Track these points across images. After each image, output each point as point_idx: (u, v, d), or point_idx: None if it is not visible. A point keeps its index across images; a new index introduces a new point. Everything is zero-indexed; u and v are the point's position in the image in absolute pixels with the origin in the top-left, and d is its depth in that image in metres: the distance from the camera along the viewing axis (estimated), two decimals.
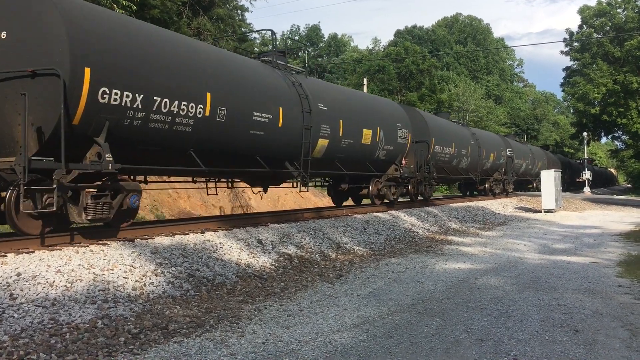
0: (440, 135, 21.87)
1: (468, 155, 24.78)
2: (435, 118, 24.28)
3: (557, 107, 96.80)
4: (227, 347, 5.50)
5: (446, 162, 22.44)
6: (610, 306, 7.32)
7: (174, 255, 8.35)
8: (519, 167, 34.26)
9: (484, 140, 27.98)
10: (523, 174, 36.81)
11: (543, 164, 40.65)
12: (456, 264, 10.75)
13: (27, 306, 5.83)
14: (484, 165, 27.55)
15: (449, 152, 22.49)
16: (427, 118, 21.65)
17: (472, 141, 25.82)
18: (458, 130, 25.25)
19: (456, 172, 24.53)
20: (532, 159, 38.90)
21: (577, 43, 44.02)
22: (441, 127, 23.07)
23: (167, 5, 21.20)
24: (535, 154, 40.55)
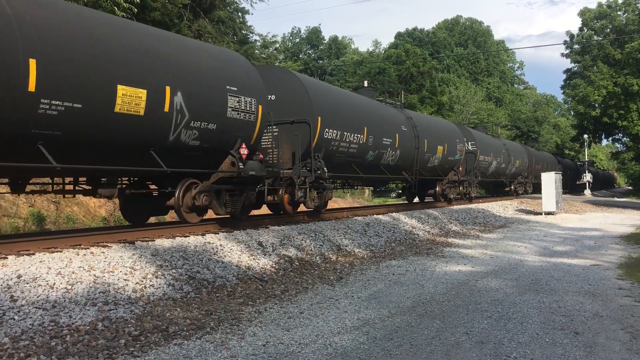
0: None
1: (395, 147, 17.72)
2: None
3: (558, 110, 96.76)
4: (228, 350, 5.50)
5: (352, 156, 15.50)
6: (611, 308, 7.32)
7: (174, 257, 8.36)
8: (487, 166, 28.42)
9: (425, 127, 20.70)
10: (494, 175, 30.28)
11: (522, 163, 35.87)
12: (456, 266, 10.75)
13: (27, 308, 5.84)
14: (428, 161, 20.84)
15: (355, 139, 15.23)
16: None
17: (405, 127, 18.85)
18: (384, 112, 18.32)
19: (376, 170, 17.40)
20: (507, 156, 32.10)
21: (578, 45, 44.08)
22: None
23: (167, 7, 21.23)
24: (512, 150, 34.27)
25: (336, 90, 16.78)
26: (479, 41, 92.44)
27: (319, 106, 13.37)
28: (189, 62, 9.92)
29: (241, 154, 10.87)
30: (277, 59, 53.24)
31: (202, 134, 10.01)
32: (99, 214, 17.23)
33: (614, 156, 58.47)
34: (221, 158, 10.76)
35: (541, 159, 42.35)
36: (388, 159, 17.45)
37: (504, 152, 31.49)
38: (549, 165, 43.17)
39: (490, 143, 29.90)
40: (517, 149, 36.21)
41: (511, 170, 32.88)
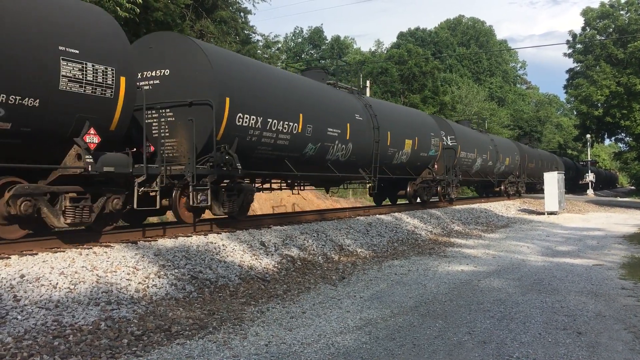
0: None
1: (346, 139, 14.48)
2: None
3: (560, 109, 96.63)
4: (230, 349, 5.50)
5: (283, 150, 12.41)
6: (614, 308, 7.31)
7: (177, 257, 8.36)
8: (470, 164, 25.13)
9: (388, 117, 17.22)
10: (480, 174, 27.14)
11: (513, 161, 32.31)
12: (459, 266, 10.74)
13: (30, 308, 5.85)
14: (393, 158, 17.52)
15: (286, 128, 12.14)
16: None
17: (360, 116, 15.50)
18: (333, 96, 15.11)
19: (320, 167, 14.20)
20: (494, 153, 28.57)
21: (580, 45, 43.96)
22: None
23: (170, 7, 21.23)
24: (501, 146, 30.60)
25: (257, 65, 12.92)
26: (481, 41, 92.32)
27: (227, 84, 10.40)
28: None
29: (88, 142, 7.94)
30: (279, 59, 53.29)
31: (12, 113, 7.15)
32: None
33: (617, 156, 58.32)
34: (60, 148, 7.95)
35: (536, 157, 39.53)
36: (337, 153, 14.18)
37: (491, 149, 28.36)
38: (544, 163, 40.99)
39: (474, 138, 26.59)
40: (507, 145, 32.58)
41: (500, 168, 29.86)
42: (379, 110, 16.86)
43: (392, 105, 22.74)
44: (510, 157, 31.60)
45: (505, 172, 31.05)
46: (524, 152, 35.27)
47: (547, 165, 40.85)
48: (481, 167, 26.73)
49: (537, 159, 39.26)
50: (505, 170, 30.94)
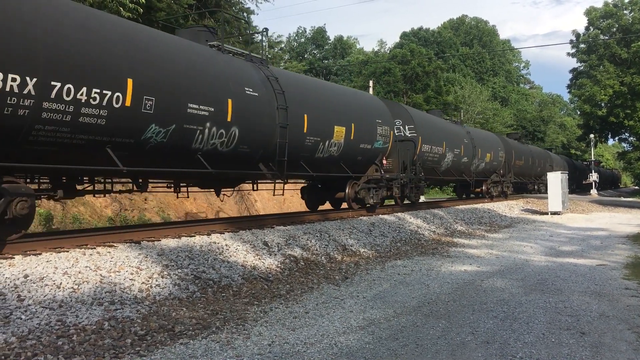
0: None
1: (227, 121, 10.44)
2: None
3: (564, 109, 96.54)
4: (233, 349, 5.51)
5: None
6: (617, 309, 7.29)
7: (180, 257, 8.38)
8: (437, 159, 20.75)
9: (303, 96, 13.03)
10: (452, 172, 22.90)
11: (496, 157, 27.79)
12: (462, 266, 10.74)
13: (34, 308, 5.86)
14: (316, 150, 13.28)
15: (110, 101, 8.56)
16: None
17: (254, 90, 11.27)
18: None
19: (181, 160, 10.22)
20: (470, 148, 24.21)
21: (584, 45, 43.91)
22: None
23: (173, 8, 21.31)
24: (480, 140, 25.85)
25: None
26: (484, 41, 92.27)
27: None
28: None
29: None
30: (282, 59, 53.26)
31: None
32: (105, 214, 17.29)
33: (621, 156, 58.20)
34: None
35: (525, 153, 34.82)
36: (211, 141, 10.20)
37: (467, 142, 23.77)
38: (535, 161, 36.74)
39: (443, 129, 22.16)
40: (488, 139, 27.82)
41: (479, 166, 25.39)
42: (291, 85, 12.57)
43: (315, 80, 18.33)
44: (491, 152, 26.92)
45: (486, 170, 26.63)
46: (509, 147, 30.87)
47: (538, 163, 37.52)
48: (453, 164, 22.49)
49: (526, 155, 34.95)
50: (486, 168, 26.55)
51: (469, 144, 24.07)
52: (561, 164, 45.25)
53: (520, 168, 33.17)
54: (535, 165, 36.86)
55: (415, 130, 19.01)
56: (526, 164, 34.64)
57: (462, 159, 23.25)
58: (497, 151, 28.16)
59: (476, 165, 25.16)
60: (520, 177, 33.74)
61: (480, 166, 25.75)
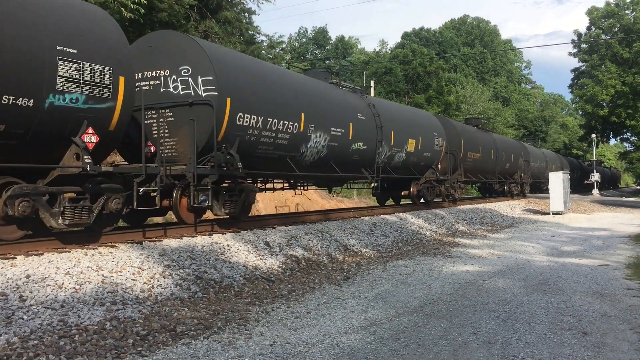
0: None
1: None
2: None
3: (566, 109, 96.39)
4: (235, 349, 5.51)
5: None
6: (619, 309, 7.28)
7: (182, 257, 8.38)
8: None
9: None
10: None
11: (428, 145, 19.23)
12: (464, 266, 10.73)
13: (36, 308, 5.87)
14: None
15: None
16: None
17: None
18: None
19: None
20: (427, 138, 19.07)
21: (586, 44, 43.83)
22: None
23: (174, 8, 21.30)
24: (436, 127, 20.54)
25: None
26: (485, 41, 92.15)
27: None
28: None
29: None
30: (283, 59, 53.30)
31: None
32: None
33: (622, 156, 58.13)
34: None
35: (485, 144, 26.09)
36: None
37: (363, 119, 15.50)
38: (500, 153, 28.33)
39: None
40: (411, 118, 19.46)
41: (394, 157, 17.32)
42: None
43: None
44: (419, 138, 18.56)
45: (411, 163, 18.61)
46: (456, 133, 22.51)
47: (507, 157, 29.57)
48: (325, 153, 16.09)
49: (487, 146, 26.23)
50: (410, 161, 18.44)
51: (366, 122, 15.53)
52: (542, 159, 40.27)
53: (476, 163, 24.61)
54: (501, 159, 28.49)
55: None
56: (487, 158, 26.09)
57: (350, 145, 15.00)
58: (430, 137, 19.60)
59: (386, 156, 16.74)
60: (480, 174, 25.57)
61: (396, 158, 17.52)
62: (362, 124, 15.08)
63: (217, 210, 10.66)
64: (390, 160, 17.00)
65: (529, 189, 34.92)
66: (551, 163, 42.67)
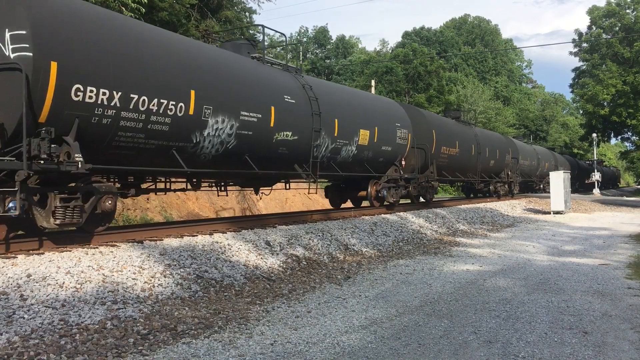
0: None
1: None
2: None
3: (566, 109, 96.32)
4: (236, 348, 5.52)
5: None
6: (620, 308, 7.28)
7: (182, 256, 8.39)
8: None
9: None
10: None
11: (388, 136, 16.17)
12: (464, 266, 10.73)
13: (37, 307, 5.88)
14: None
15: None
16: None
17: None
18: None
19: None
20: (386, 129, 15.97)
21: (586, 44, 43.79)
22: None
23: (175, 7, 21.29)
24: (399, 116, 17.32)
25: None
26: (486, 40, 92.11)
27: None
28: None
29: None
30: (284, 59, 53.16)
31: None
32: None
33: (623, 155, 58.10)
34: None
35: (456, 135, 22.30)
36: None
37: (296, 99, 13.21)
38: (494, 152, 26.67)
39: None
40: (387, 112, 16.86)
41: (344, 151, 14.25)
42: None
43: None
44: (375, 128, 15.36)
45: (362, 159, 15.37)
46: (427, 125, 19.49)
47: (493, 153, 26.76)
48: None
49: (460, 139, 22.56)
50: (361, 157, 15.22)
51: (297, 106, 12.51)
52: (533, 156, 37.11)
53: (452, 159, 21.50)
54: (484, 156, 25.22)
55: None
56: (466, 154, 22.99)
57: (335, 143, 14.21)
58: (390, 128, 16.40)
59: (328, 150, 13.61)
60: (458, 173, 22.61)
61: (344, 152, 14.28)
62: (290, 109, 11.92)
63: (43, 221, 7.89)
64: (335, 154, 13.80)
65: (518, 189, 32.73)
66: (544, 161, 40.61)
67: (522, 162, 33.25)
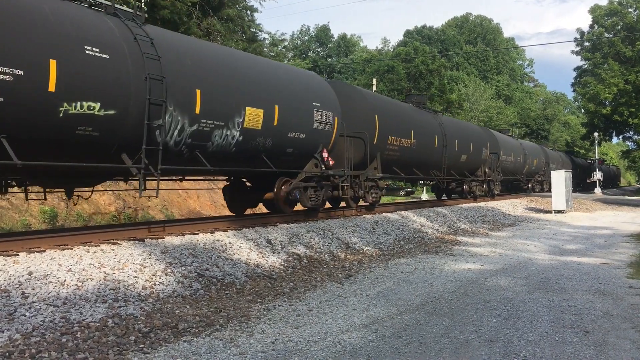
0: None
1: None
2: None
3: (568, 108, 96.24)
4: (237, 347, 5.52)
5: None
6: (621, 307, 7.28)
7: (183, 254, 8.39)
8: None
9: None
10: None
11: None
12: (466, 265, 10.72)
13: (38, 305, 5.88)
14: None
15: None
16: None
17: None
18: None
19: None
20: (295, 108, 12.25)
21: (588, 43, 43.74)
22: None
23: (176, 6, 21.30)
24: (319, 92, 13.33)
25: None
26: (488, 39, 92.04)
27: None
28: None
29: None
30: (285, 57, 53.19)
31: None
32: (109, 212, 17.32)
33: (625, 154, 58.05)
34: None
35: (409, 121, 18.36)
36: None
37: None
38: (467, 146, 23.18)
39: None
40: (297, 85, 12.90)
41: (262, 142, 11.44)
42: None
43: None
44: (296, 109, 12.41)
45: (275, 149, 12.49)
46: (367, 107, 15.85)
47: (465, 147, 23.04)
48: None
49: (427, 131, 19.58)
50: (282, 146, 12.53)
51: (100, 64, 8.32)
52: (518, 152, 33.55)
53: (405, 153, 17.90)
54: (452, 149, 21.52)
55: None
56: (426, 147, 19.35)
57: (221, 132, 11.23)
58: (304, 107, 12.73)
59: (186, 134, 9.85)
60: (416, 169, 19.22)
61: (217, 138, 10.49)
62: (96, 66, 8.04)
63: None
64: (203, 141, 10.02)
65: (499, 189, 28.28)
66: (532, 157, 36.51)
67: (504, 158, 29.31)
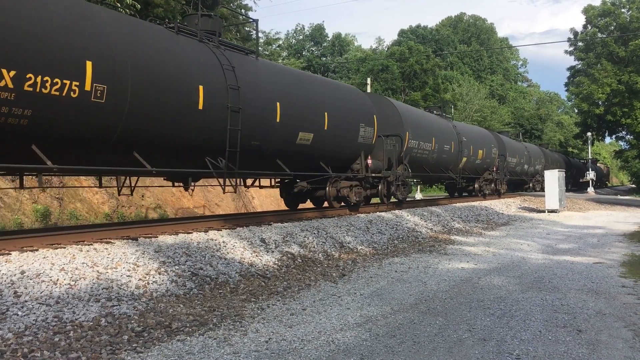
0: None
1: None
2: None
3: (561, 107, 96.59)
4: (230, 346, 5.51)
5: None
6: (614, 306, 7.31)
7: (177, 253, 8.37)
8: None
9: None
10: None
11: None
12: (459, 264, 10.74)
13: (31, 304, 5.85)
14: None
15: None
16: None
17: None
18: None
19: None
20: None
21: (582, 43, 43.89)
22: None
23: (170, 4, 21.25)
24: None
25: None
26: (482, 38, 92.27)
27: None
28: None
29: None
30: (280, 56, 53.14)
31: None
32: (102, 211, 17.26)
33: (618, 154, 58.30)
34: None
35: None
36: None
37: None
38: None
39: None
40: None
41: None
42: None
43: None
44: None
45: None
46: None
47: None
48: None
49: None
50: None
51: None
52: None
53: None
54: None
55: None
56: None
57: None
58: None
59: None
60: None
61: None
62: None
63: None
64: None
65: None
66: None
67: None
